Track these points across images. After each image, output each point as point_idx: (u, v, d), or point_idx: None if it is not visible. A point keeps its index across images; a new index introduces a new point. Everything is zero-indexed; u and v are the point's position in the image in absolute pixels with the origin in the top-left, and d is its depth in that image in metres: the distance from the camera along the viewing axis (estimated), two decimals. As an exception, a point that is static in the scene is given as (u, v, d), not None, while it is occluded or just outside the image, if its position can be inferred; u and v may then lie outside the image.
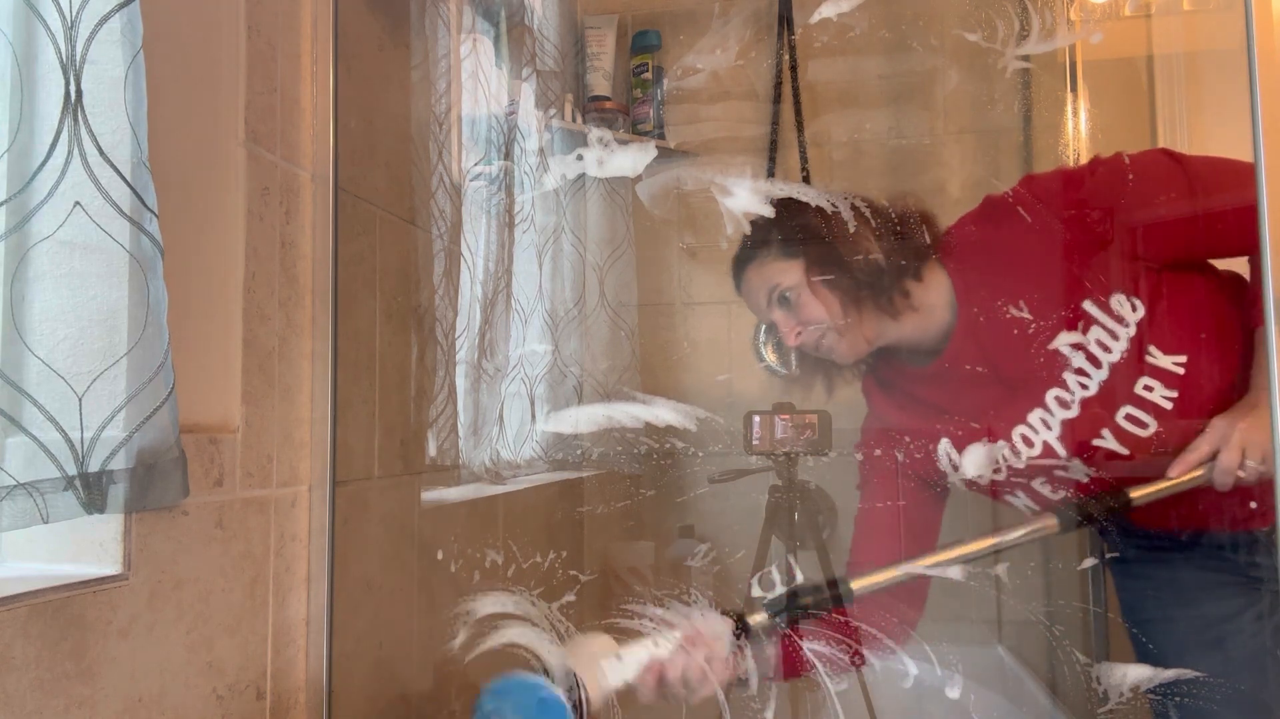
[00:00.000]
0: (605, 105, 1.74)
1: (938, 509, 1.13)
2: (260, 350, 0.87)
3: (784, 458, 1.40)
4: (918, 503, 1.11)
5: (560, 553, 1.43)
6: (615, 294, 1.75)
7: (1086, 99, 1.65)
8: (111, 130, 0.67)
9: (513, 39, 1.47)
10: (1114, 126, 1.67)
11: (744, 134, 1.81)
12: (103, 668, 0.67)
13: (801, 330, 1.05)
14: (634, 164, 1.24)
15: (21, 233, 0.64)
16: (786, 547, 1.42)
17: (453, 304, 1.23)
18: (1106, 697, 1.02)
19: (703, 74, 1.77)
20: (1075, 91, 1.66)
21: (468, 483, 1.30)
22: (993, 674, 1.56)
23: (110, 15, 0.66)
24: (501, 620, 0.96)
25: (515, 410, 1.51)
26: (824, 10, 1.23)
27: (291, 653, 0.91)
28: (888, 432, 1.12)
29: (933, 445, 1.07)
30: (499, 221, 1.40)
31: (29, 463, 0.62)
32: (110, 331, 0.68)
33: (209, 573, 0.79)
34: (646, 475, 1.69)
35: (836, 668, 1.00)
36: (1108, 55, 1.69)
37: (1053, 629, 1.52)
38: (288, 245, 0.92)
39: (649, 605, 0.96)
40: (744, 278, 1.10)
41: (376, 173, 1.06)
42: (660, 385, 1.79)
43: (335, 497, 0.95)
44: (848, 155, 1.79)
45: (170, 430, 0.70)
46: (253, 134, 0.87)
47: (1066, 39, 1.53)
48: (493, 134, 1.39)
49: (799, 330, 1.05)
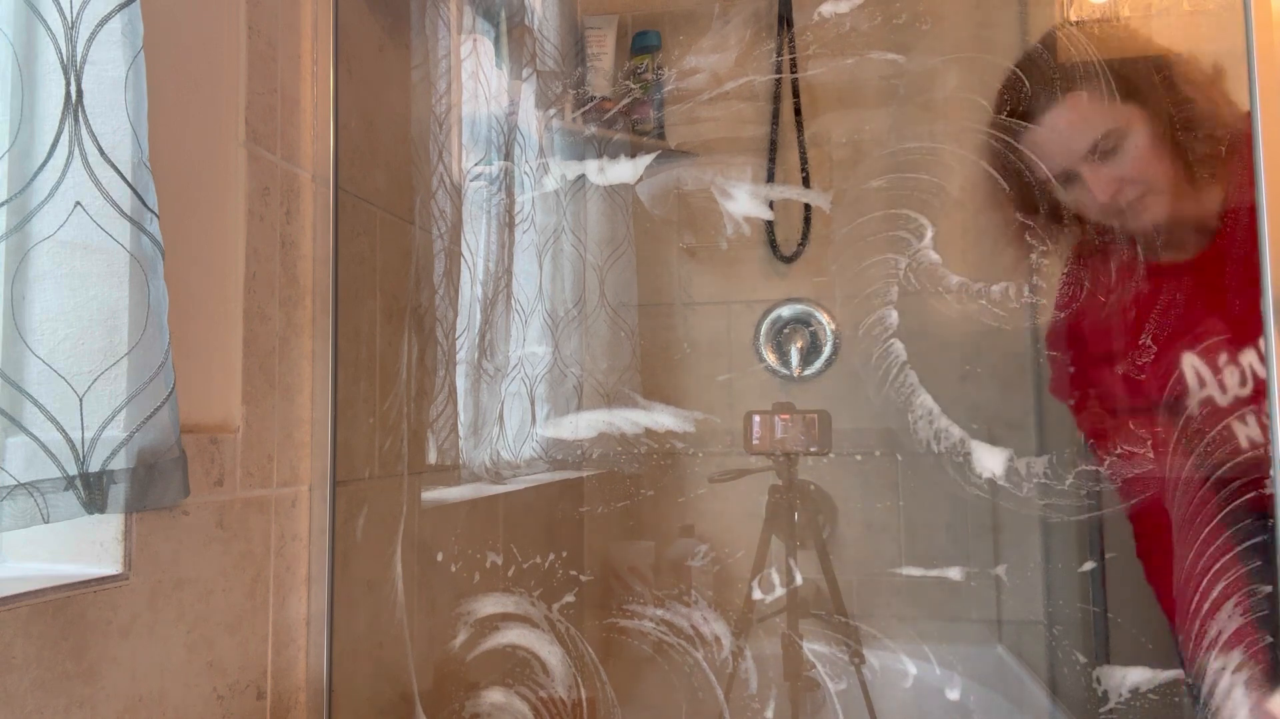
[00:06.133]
0: (605, 105, 1.74)
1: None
2: (260, 350, 0.87)
3: (784, 458, 1.40)
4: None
5: (560, 553, 1.43)
6: (615, 294, 1.75)
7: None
8: (112, 130, 0.67)
9: (513, 39, 1.47)
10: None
11: (744, 134, 1.81)
12: (103, 667, 0.67)
13: (1121, 188, 0.91)
14: (634, 171, 1.24)
15: (22, 233, 0.64)
16: (786, 547, 1.42)
17: (453, 304, 1.23)
18: (1106, 697, 1.02)
19: (703, 74, 1.77)
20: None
21: (468, 483, 1.30)
22: (993, 674, 1.57)
23: (111, 16, 0.66)
24: (502, 621, 0.97)
25: (515, 411, 1.51)
26: (824, 10, 1.23)
27: (292, 653, 0.91)
28: (1110, 352, 0.97)
29: (1177, 358, 0.93)
30: (499, 222, 1.40)
31: (29, 463, 0.62)
32: (111, 331, 0.68)
33: (209, 573, 0.79)
34: (646, 475, 1.69)
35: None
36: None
37: (1053, 629, 1.52)
38: (288, 245, 0.92)
39: (649, 606, 0.96)
40: (1050, 114, 0.95)
41: (377, 173, 1.07)
42: (660, 385, 1.80)
43: (335, 497, 0.95)
44: (848, 155, 1.79)
45: (171, 430, 0.70)
46: (253, 134, 0.87)
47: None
48: (493, 134, 1.39)
49: (1118, 188, 0.91)
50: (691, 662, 1.32)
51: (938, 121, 1.74)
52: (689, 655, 1.33)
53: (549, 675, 0.96)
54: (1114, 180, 0.91)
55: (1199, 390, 0.95)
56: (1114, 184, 0.91)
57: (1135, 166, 0.91)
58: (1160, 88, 0.92)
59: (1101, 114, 0.92)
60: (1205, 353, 0.94)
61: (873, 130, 1.77)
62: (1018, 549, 1.57)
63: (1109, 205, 0.95)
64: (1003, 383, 1.61)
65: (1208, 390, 0.94)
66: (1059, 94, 0.94)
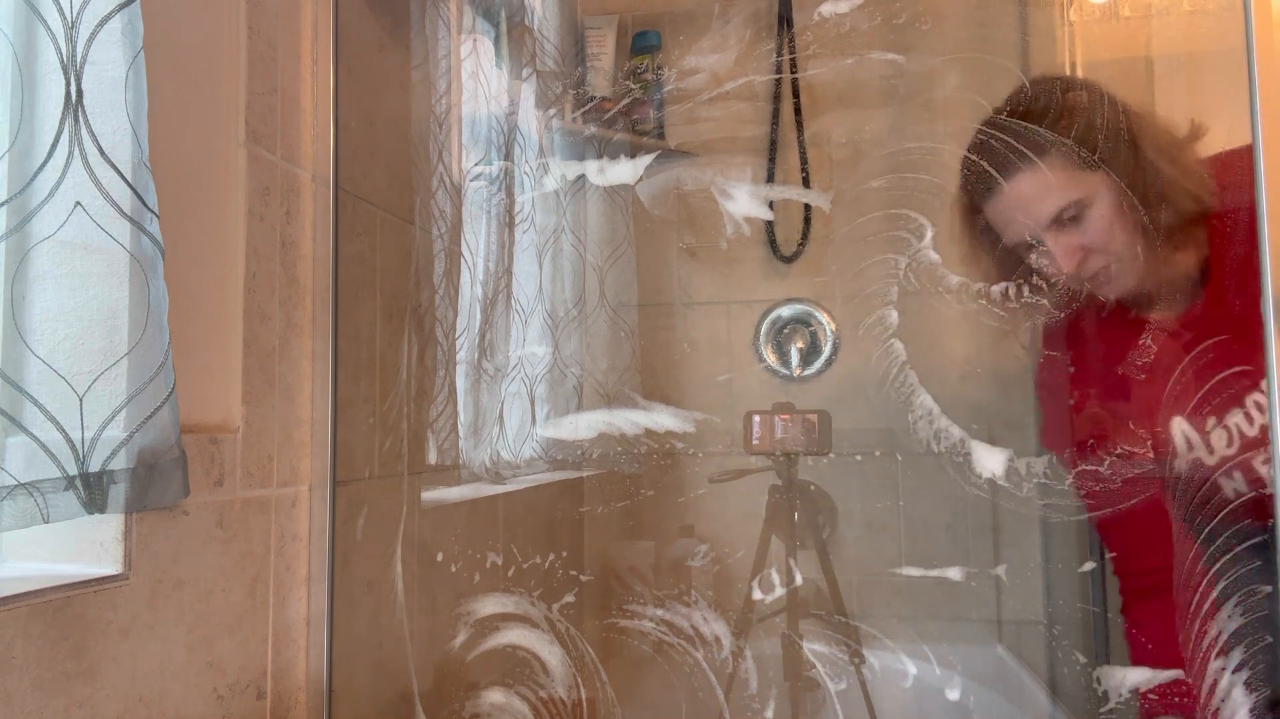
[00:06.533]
0: (605, 105, 1.74)
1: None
2: (260, 350, 0.87)
3: (784, 458, 1.40)
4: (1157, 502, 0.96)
5: (560, 553, 1.43)
6: (615, 294, 1.75)
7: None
8: (112, 130, 0.67)
9: (513, 39, 1.47)
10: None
11: (744, 134, 1.81)
12: (103, 667, 0.67)
13: (1085, 257, 0.90)
14: (634, 172, 1.24)
15: (22, 233, 0.64)
16: (786, 547, 1.42)
17: (453, 304, 1.23)
18: (1107, 697, 1.02)
19: (703, 74, 1.77)
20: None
21: (468, 483, 1.30)
22: (992, 674, 1.56)
23: (111, 16, 0.66)
24: (502, 621, 0.96)
25: (515, 410, 1.51)
26: (824, 10, 1.23)
27: (292, 653, 0.91)
28: (1099, 409, 0.98)
29: (1163, 423, 0.94)
30: (499, 222, 1.40)
31: (29, 463, 0.62)
32: (111, 331, 0.68)
33: (209, 573, 0.79)
34: (646, 475, 1.69)
35: None
36: (1108, 56, 1.69)
37: (1053, 629, 1.52)
38: (288, 245, 0.92)
39: (649, 606, 0.96)
40: (1011, 185, 0.93)
41: (376, 173, 1.07)
42: (660, 385, 1.80)
43: (335, 496, 0.95)
44: (848, 155, 1.79)
45: (171, 430, 0.70)
46: (253, 134, 0.87)
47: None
48: (493, 134, 1.39)
49: (1082, 257, 0.90)
50: (691, 662, 1.32)
51: (938, 121, 1.74)
52: (689, 655, 1.33)
53: (549, 675, 0.96)
54: (1077, 250, 0.91)
55: (1187, 453, 0.95)
56: (1077, 254, 0.91)
57: (1099, 236, 0.90)
58: (1127, 156, 0.90)
59: (1065, 183, 0.91)
60: (1193, 418, 0.94)
61: (873, 130, 1.77)
62: (1018, 549, 1.57)
63: (1074, 275, 0.95)
64: (1003, 383, 1.61)
65: (1195, 453, 0.94)
66: (1021, 163, 0.93)
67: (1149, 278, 0.94)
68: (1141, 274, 0.93)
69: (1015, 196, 0.93)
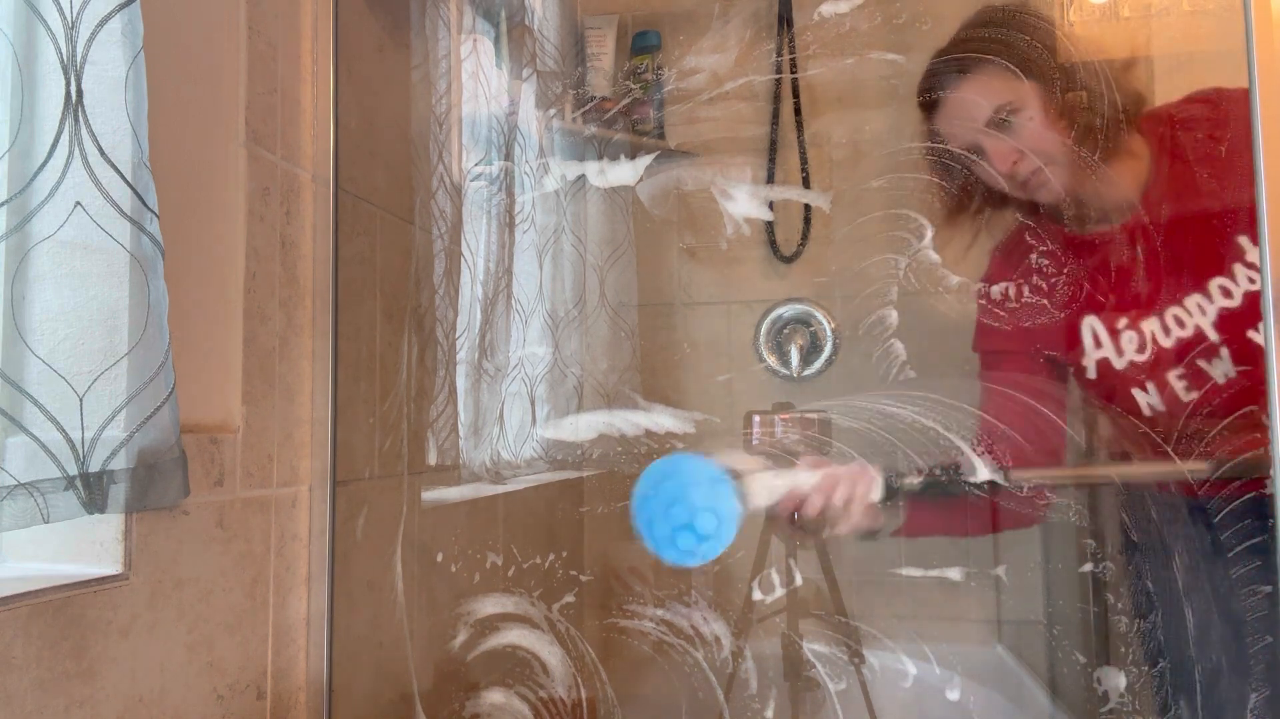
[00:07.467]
0: (605, 105, 1.74)
1: (1063, 392, 1.05)
2: (260, 350, 0.87)
3: (784, 458, 1.40)
4: (1048, 386, 1.03)
5: (560, 553, 1.43)
6: (615, 294, 1.75)
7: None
8: (112, 130, 0.67)
9: (513, 39, 1.47)
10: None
11: (744, 134, 1.81)
12: (103, 667, 0.67)
13: (1020, 159, 0.97)
14: (634, 172, 1.24)
15: (22, 233, 0.64)
16: (786, 547, 1.42)
17: (453, 304, 1.23)
18: (1106, 697, 1.02)
19: (703, 74, 1.77)
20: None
21: (468, 483, 1.30)
22: (992, 674, 1.57)
23: (111, 16, 0.66)
24: (502, 621, 0.96)
25: (515, 411, 1.51)
26: (824, 10, 1.23)
27: (292, 653, 0.91)
28: (1024, 306, 1.05)
29: (1078, 320, 1.00)
30: (499, 222, 1.40)
31: (30, 463, 0.62)
32: (111, 331, 0.68)
33: (209, 573, 0.79)
34: (647, 475, 1.69)
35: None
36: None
37: (1053, 629, 1.52)
38: (288, 245, 0.92)
39: (649, 606, 0.96)
40: (954, 90, 1.01)
41: (376, 173, 1.07)
42: (660, 386, 1.79)
43: (335, 497, 0.95)
44: (848, 155, 1.79)
45: (171, 430, 0.70)
46: (253, 134, 0.87)
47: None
48: (493, 134, 1.39)
49: (1017, 159, 0.97)
50: (691, 662, 1.32)
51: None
52: (689, 655, 1.33)
53: (549, 676, 0.96)
54: (1012, 151, 0.97)
55: (1094, 351, 1.01)
56: (1012, 154, 0.97)
57: (1031, 138, 0.96)
58: (1056, 69, 0.98)
59: (1000, 88, 0.99)
60: (1106, 317, 1.00)
61: (873, 130, 1.77)
62: (1018, 549, 1.57)
63: (1009, 176, 1.00)
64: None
65: (1103, 352, 1.00)
66: (963, 73, 1.02)
67: (1084, 186, 0.99)
68: (1075, 180, 0.98)
69: (956, 102, 1.02)
